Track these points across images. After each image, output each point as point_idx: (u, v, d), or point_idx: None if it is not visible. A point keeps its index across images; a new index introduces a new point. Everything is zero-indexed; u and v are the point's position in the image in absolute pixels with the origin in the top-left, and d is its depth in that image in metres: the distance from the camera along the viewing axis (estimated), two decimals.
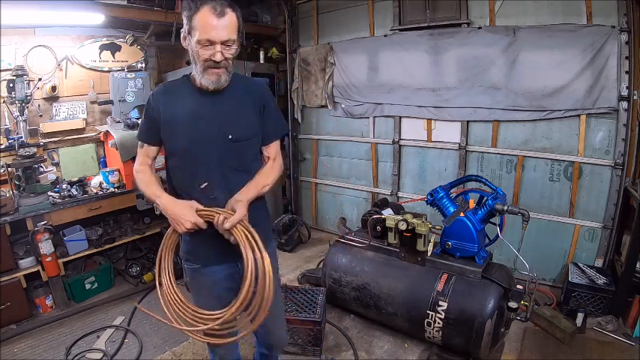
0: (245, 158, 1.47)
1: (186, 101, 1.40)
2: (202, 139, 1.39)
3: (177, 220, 1.38)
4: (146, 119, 1.47)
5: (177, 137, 1.40)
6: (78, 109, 3.40)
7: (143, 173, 1.51)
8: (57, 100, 3.26)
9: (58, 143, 3.29)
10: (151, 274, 3.29)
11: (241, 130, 1.43)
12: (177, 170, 1.46)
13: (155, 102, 1.42)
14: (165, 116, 1.39)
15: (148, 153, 1.50)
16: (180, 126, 1.39)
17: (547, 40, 2.78)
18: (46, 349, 2.44)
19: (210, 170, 1.41)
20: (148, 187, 1.48)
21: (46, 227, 2.69)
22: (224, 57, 1.29)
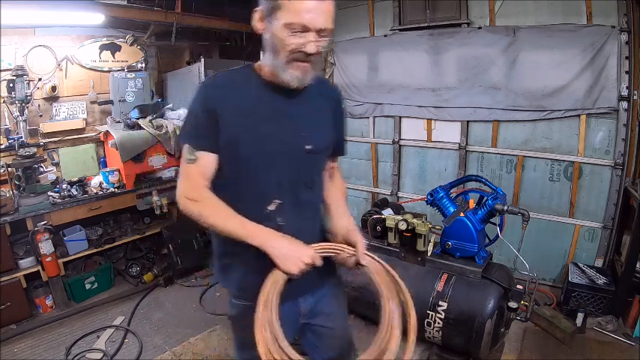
0: (317, 173, 1.24)
1: (253, 98, 1.11)
2: (275, 148, 1.11)
3: (291, 258, 1.03)
4: (200, 118, 1.08)
5: (241, 144, 1.08)
6: (78, 109, 3.40)
7: (207, 202, 1.09)
8: (57, 100, 3.26)
9: (58, 143, 3.29)
10: (150, 274, 3.29)
11: (319, 140, 1.17)
12: (234, 187, 1.13)
13: (213, 95, 1.10)
14: (226, 115, 1.07)
15: (205, 167, 1.10)
16: (246, 130, 1.08)
17: (547, 40, 2.78)
18: (46, 349, 2.44)
19: (282, 188, 1.13)
20: (228, 219, 1.07)
21: (46, 227, 2.69)
22: (317, 49, 1.03)
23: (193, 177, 1.10)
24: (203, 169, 1.10)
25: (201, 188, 1.10)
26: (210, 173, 1.11)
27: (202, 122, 1.08)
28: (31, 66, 3.06)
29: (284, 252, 1.04)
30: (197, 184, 1.10)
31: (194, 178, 1.10)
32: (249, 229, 1.06)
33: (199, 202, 1.09)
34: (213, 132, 1.07)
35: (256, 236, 1.05)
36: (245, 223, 1.06)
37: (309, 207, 1.21)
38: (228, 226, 1.07)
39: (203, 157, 1.09)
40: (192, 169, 1.10)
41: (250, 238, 1.05)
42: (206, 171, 1.10)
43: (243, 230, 1.06)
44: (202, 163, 1.10)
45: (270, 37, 1.04)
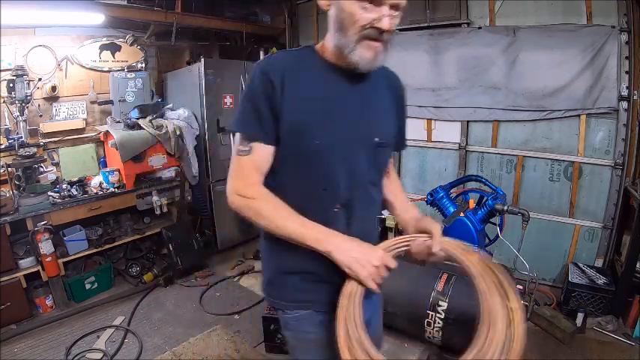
0: (384, 168, 1.14)
1: (319, 82, 0.98)
2: (347, 139, 0.99)
3: (367, 265, 0.89)
4: (257, 103, 0.95)
5: (308, 134, 0.95)
6: (78, 109, 3.40)
7: (263, 199, 0.97)
8: (57, 100, 3.26)
9: (58, 143, 3.29)
10: (150, 274, 3.29)
11: (387, 132, 1.08)
12: (296, 184, 1.00)
13: (273, 76, 0.94)
14: (289, 100, 0.94)
15: (260, 160, 0.98)
16: (314, 117, 0.96)
17: (547, 40, 2.78)
18: (46, 349, 2.44)
19: (353, 184, 1.01)
20: (287, 220, 0.95)
21: (46, 227, 2.69)
22: (391, 26, 0.89)
23: (247, 171, 0.98)
24: (257, 163, 0.97)
25: (256, 184, 0.98)
26: (266, 168, 0.99)
27: (259, 108, 0.94)
28: (31, 66, 3.05)
29: (358, 259, 0.89)
30: (251, 179, 0.98)
31: (248, 173, 0.98)
32: (311, 232, 0.93)
33: (255, 199, 0.96)
34: (271, 120, 0.95)
35: (321, 239, 0.92)
36: (307, 224, 0.94)
37: (375, 206, 1.11)
38: (288, 228, 0.94)
39: (258, 149, 0.96)
40: (245, 162, 0.97)
41: (313, 241, 0.92)
42: (261, 165, 0.98)
43: (304, 232, 0.93)
44: (257, 156, 0.97)
45: (337, 12, 0.92)
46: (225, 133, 3.70)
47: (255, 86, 0.95)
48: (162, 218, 3.55)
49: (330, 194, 1.00)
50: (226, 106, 3.68)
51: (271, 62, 0.99)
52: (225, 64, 3.71)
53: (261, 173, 0.99)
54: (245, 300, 3.00)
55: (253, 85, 0.96)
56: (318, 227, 0.94)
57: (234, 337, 2.49)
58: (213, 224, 3.77)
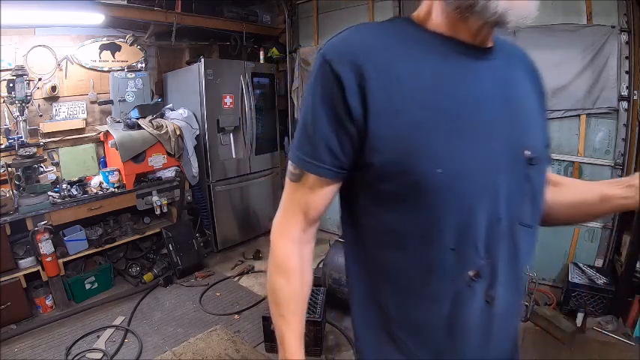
0: (541, 198, 0.73)
1: (428, 66, 0.62)
2: (487, 156, 0.62)
3: None
4: (315, 113, 0.64)
5: (420, 157, 0.60)
6: (78, 109, 3.40)
7: (290, 259, 0.73)
8: (57, 100, 3.26)
9: (58, 143, 3.29)
10: (151, 274, 3.29)
11: (539, 138, 0.71)
12: (399, 242, 0.65)
13: (345, 67, 0.60)
14: (380, 102, 0.60)
15: (311, 199, 0.70)
16: (428, 127, 0.60)
17: (547, 40, 2.78)
18: (46, 349, 2.44)
19: (495, 232, 0.64)
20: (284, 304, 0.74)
21: (46, 227, 2.69)
22: None
23: (288, 209, 0.73)
24: (305, 201, 0.70)
25: (294, 228, 0.72)
26: (318, 211, 0.72)
27: (316, 122, 0.64)
28: (31, 66, 3.06)
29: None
30: (290, 224, 0.72)
31: (289, 212, 0.73)
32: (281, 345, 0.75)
33: (278, 263, 0.74)
34: (335, 140, 0.63)
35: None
36: (286, 331, 0.74)
37: (526, 262, 0.71)
38: (275, 318, 0.76)
39: (309, 181, 0.68)
40: (290, 194, 0.72)
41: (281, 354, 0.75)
42: (310, 205, 0.70)
43: (279, 337, 0.75)
44: (305, 192, 0.69)
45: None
46: (224, 133, 3.70)
47: (314, 87, 0.64)
48: (162, 218, 3.56)
49: (461, 256, 0.63)
50: (226, 106, 3.68)
51: (338, 45, 0.63)
52: (225, 64, 3.72)
53: (310, 219, 0.72)
54: (245, 300, 3.00)
55: (311, 85, 0.65)
56: (290, 343, 0.74)
57: (234, 337, 2.49)
58: (213, 224, 3.77)
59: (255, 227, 4.19)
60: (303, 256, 0.75)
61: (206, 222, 3.79)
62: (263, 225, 4.23)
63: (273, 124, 4.30)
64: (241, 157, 3.89)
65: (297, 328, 0.75)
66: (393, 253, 0.67)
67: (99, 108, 3.51)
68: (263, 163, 4.15)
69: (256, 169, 4.07)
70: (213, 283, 3.26)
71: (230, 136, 3.76)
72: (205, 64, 3.44)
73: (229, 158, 3.78)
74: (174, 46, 3.73)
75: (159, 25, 3.53)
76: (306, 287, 0.77)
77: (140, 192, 3.24)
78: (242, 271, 3.45)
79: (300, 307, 0.75)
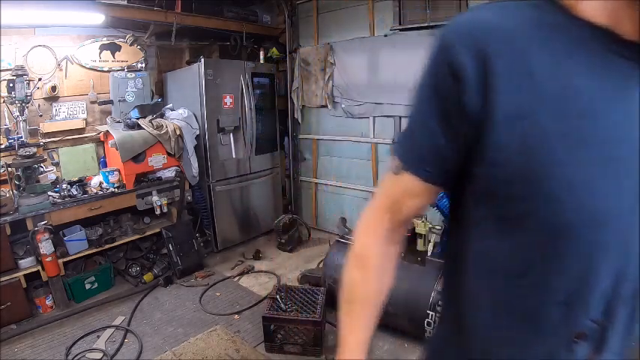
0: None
1: (577, 65, 0.48)
2: (624, 200, 0.49)
3: None
4: (424, 106, 0.57)
5: (548, 178, 0.47)
6: (78, 109, 3.40)
7: (371, 255, 0.68)
8: (57, 100, 3.26)
9: (58, 143, 3.29)
10: (151, 274, 3.30)
11: None
12: (501, 281, 0.56)
13: (467, 54, 0.49)
14: (507, 106, 0.48)
15: (403, 199, 0.63)
16: (566, 146, 0.47)
17: None
18: (46, 349, 2.44)
19: (617, 291, 0.52)
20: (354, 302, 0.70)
21: (46, 227, 2.69)
22: None
23: (380, 201, 0.66)
24: (396, 199, 0.63)
25: (378, 229, 0.66)
26: (409, 212, 0.64)
27: (423, 117, 0.56)
28: (31, 66, 3.06)
29: None
30: (377, 218, 0.66)
31: (380, 204, 0.66)
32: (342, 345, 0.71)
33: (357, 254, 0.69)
34: (442, 141, 0.54)
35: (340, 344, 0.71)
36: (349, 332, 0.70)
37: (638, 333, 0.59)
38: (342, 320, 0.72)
39: (405, 180, 0.60)
40: (385, 188, 0.66)
41: None
42: (401, 205, 0.63)
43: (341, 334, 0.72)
44: (400, 189, 0.62)
45: None
46: (224, 133, 3.70)
47: (426, 75, 0.56)
48: (162, 218, 3.56)
49: (570, 311, 0.52)
50: (226, 106, 3.68)
51: (463, 26, 0.52)
52: (225, 64, 3.72)
53: (398, 219, 0.65)
54: (245, 300, 3.00)
55: (424, 73, 0.56)
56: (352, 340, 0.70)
57: (234, 337, 2.49)
58: (213, 224, 3.77)
59: (255, 227, 4.19)
60: (386, 256, 0.68)
61: (206, 222, 3.79)
62: (263, 225, 4.23)
63: (273, 124, 4.31)
64: (241, 157, 3.89)
65: (361, 330, 0.70)
66: (481, 288, 0.57)
67: (99, 108, 3.51)
68: (263, 163, 4.15)
69: (256, 169, 4.07)
70: (213, 283, 3.26)
71: (230, 136, 3.76)
72: (205, 64, 3.44)
73: (229, 158, 3.78)
74: (174, 46, 3.73)
75: (159, 25, 3.53)
76: (384, 289, 0.70)
77: (140, 192, 3.24)
78: (242, 271, 3.45)
79: (370, 309, 0.69)
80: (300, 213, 4.62)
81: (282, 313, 2.37)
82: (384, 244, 0.67)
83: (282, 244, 3.88)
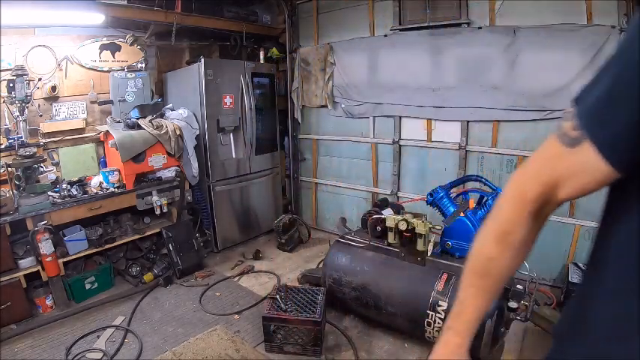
0: None
1: None
2: None
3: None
4: (619, 81, 0.51)
5: None
6: (78, 109, 3.40)
7: (518, 229, 0.62)
8: (57, 100, 3.26)
9: (58, 143, 3.29)
10: (151, 274, 3.29)
11: None
12: None
13: None
14: None
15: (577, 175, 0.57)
16: None
17: (547, 40, 2.78)
18: (46, 349, 2.44)
19: None
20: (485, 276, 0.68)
21: (46, 227, 2.69)
22: None
23: (545, 171, 0.57)
24: (570, 175, 0.56)
25: (534, 201, 0.59)
26: (573, 194, 0.58)
27: (619, 93, 0.50)
28: (31, 66, 3.06)
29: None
30: (532, 191, 0.58)
31: (544, 176, 0.57)
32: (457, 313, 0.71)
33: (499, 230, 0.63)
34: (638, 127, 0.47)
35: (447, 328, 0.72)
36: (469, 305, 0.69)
37: None
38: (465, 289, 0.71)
39: (589, 157, 0.52)
40: (551, 156, 0.57)
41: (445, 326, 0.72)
42: (571, 183, 0.57)
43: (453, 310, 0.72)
44: (576, 165, 0.54)
45: None
46: (224, 133, 3.70)
47: (627, 50, 0.50)
48: (162, 218, 3.56)
49: None
50: (226, 106, 3.68)
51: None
52: (225, 64, 3.72)
53: (557, 198, 0.58)
54: (245, 300, 3.00)
55: (625, 47, 0.51)
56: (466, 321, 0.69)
57: (234, 337, 2.49)
58: (213, 224, 3.77)
59: (255, 227, 4.19)
60: (531, 234, 0.62)
61: (206, 222, 3.79)
62: (263, 225, 4.23)
63: (273, 124, 4.30)
64: (241, 157, 3.89)
65: (481, 305, 0.68)
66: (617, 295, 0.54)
67: (99, 108, 3.51)
68: (263, 163, 4.15)
69: (256, 169, 4.07)
70: (213, 283, 3.26)
71: (230, 136, 3.76)
72: (205, 64, 3.44)
73: (229, 158, 3.78)
74: (174, 46, 3.73)
75: (159, 25, 3.53)
76: (516, 267, 0.67)
77: (140, 192, 3.24)
78: (242, 271, 3.45)
79: (497, 285, 0.67)
80: (300, 213, 4.62)
81: (282, 313, 2.37)
82: (531, 221, 0.61)
83: (282, 244, 3.88)
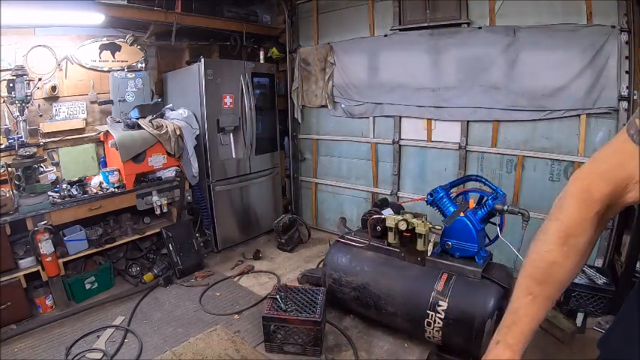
0: None
1: None
2: None
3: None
4: None
5: None
6: (78, 109, 3.40)
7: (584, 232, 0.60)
8: (57, 100, 3.26)
9: (58, 143, 3.29)
10: (151, 274, 3.29)
11: None
12: None
13: None
14: None
15: None
16: None
17: (547, 40, 2.78)
18: (46, 349, 2.44)
19: None
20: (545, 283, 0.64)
21: (46, 227, 2.69)
22: None
23: (613, 172, 0.56)
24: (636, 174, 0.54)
25: (600, 202, 0.57)
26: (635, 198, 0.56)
27: None
28: (31, 66, 3.06)
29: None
30: (598, 190, 0.57)
31: (611, 177, 0.56)
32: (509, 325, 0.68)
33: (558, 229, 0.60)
34: None
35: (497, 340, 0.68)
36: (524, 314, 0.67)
37: None
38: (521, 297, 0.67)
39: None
40: (627, 155, 0.54)
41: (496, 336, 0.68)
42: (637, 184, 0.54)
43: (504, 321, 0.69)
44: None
45: None
46: (224, 133, 3.70)
47: None
48: (162, 218, 3.56)
49: None
50: (226, 106, 3.68)
51: None
52: (225, 64, 3.72)
53: (621, 200, 0.57)
54: (245, 300, 3.00)
55: None
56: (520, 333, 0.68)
57: (234, 337, 2.49)
58: (213, 224, 3.77)
59: (255, 227, 4.19)
60: (594, 237, 0.60)
61: (206, 222, 3.79)
62: (263, 225, 4.23)
63: (273, 124, 4.31)
64: (241, 157, 3.89)
65: (539, 315, 0.65)
66: None
67: (99, 108, 3.51)
68: (263, 163, 4.16)
69: (256, 169, 4.07)
70: (213, 283, 3.26)
71: (230, 136, 3.76)
72: (205, 64, 3.44)
73: (229, 158, 3.78)
74: (175, 46, 3.73)
75: (159, 25, 3.53)
76: (576, 274, 0.63)
77: (140, 192, 3.24)
78: (242, 271, 3.45)
79: (558, 294, 0.64)
80: (300, 213, 4.62)
81: (282, 313, 2.37)
82: (596, 223, 0.58)
83: (282, 244, 3.88)
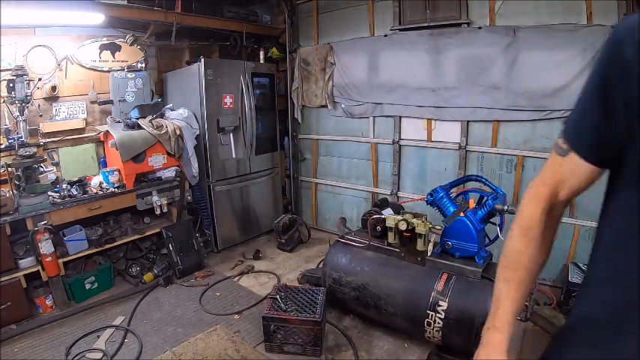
0: None
1: None
2: None
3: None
4: (588, 90, 0.64)
5: None
6: (78, 109, 3.40)
7: (536, 224, 0.76)
8: (57, 100, 3.26)
9: (58, 143, 3.29)
10: (151, 274, 3.29)
11: None
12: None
13: (633, 45, 0.55)
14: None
15: (566, 177, 0.72)
16: None
17: (547, 40, 2.78)
18: (46, 349, 2.44)
19: None
20: (507, 279, 0.78)
21: (46, 227, 2.69)
22: None
23: (546, 178, 0.75)
24: (560, 177, 0.72)
25: (540, 203, 0.74)
26: (570, 190, 0.73)
27: (586, 100, 0.65)
28: (31, 66, 3.06)
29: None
30: (541, 193, 0.75)
31: (545, 181, 0.75)
32: (495, 311, 0.77)
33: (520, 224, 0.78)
34: (599, 124, 0.61)
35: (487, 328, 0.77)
36: (505, 298, 0.76)
37: None
38: (494, 289, 0.79)
39: (570, 160, 0.69)
40: (551, 165, 0.74)
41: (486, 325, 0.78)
42: (563, 183, 0.72)
43: (492, 307, 0.78)
44: (568, 168, 0.70)
45: None
46: (224, 133, 3.70)
47: (595, 65, 0.62)
48: (162, 218, 3.56)
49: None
50: (226, 106, 3.68)
51: (634, 23, 0.55)
52: (225, 64, 3.72)
53: (560, 198, 0.75)
54: (245, 300, 3.00)
55: (595, 62, 0.63)
56: (504, 314, 0.75)
57: (234, 337, 2.49)
58: (213, 224, 3.77)
59: (255, 227, 4.19)
60: (547, 229, 0.76)
61: (206, 222, 3.79)
62: (263, 225, 4.23)
63: (273, 124, 4.31)
64: (241, 157, 3.89)
65: (517, 297, 0.75)
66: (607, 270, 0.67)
67: (99, 108, 3.51)
68: (263, 163, 4.16)
69: (256, 169, 4.07)
70: (213, 283, 3.26)
71: (230, 136, 3.76)
72: (205, 64, 3.44)
73: (229, 158, 3.78)
74: (175, 46, 3.73)
75: (159, 25, 3.53)
76: (542, 261, 0.78)
77: (140, 192, 3.24)
78: (242, 271, 3.45)
79: (529, 277, 0.76)
80: (300, 213, 4.62)
81: (282, 313, 2.38)
82: (546, 218, 0.75)
83: (282, 244, 3.88)
